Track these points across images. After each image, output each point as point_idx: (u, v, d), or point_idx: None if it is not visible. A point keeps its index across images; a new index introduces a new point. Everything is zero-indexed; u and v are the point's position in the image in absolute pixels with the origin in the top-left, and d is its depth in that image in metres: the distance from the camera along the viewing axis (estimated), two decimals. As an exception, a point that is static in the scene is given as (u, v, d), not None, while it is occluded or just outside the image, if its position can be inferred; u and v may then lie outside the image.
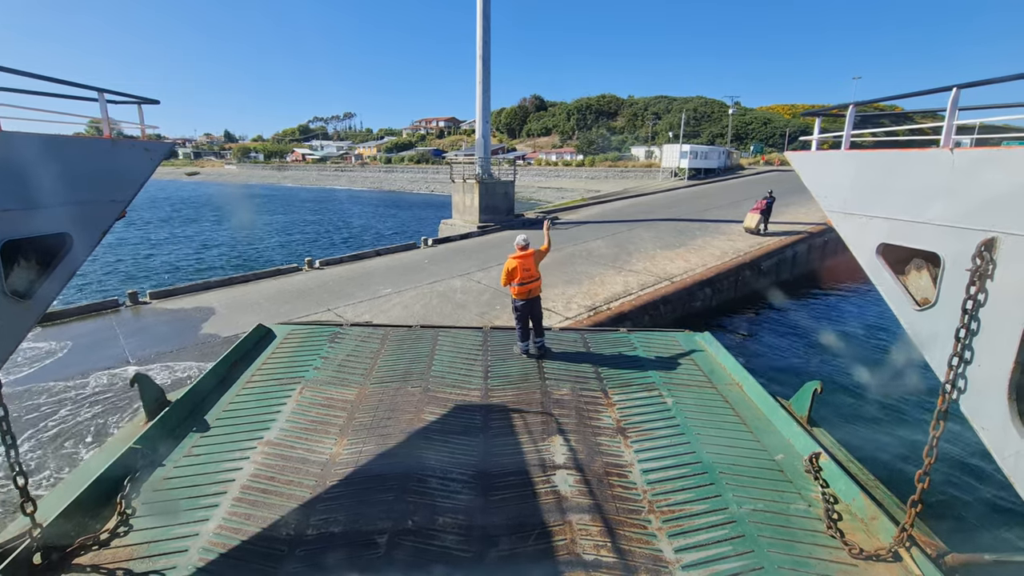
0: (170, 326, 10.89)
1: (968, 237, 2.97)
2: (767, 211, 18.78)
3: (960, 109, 3.36)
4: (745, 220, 19.38)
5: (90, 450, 6.54)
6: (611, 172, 58.81)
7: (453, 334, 7.60)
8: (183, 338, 10.14)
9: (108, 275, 22.56)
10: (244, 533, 3.81)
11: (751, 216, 19.06)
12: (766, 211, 18.76)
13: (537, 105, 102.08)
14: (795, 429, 5.11)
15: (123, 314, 11.76)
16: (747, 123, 73.73)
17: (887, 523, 3.80)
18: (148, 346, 9.75)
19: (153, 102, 4.50)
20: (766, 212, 18.76)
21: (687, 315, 13.09)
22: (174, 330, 10.62)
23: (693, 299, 13.56)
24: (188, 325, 10.89)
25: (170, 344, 9.84)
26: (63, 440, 6.78)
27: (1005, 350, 2.83)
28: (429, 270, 15.23)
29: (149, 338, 10.22)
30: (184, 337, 10.19)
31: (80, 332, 10.60)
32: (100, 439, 6.70)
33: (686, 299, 13.29)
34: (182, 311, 11.84)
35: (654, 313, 12.01)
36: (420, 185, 76.67)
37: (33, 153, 3.10)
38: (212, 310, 11.83)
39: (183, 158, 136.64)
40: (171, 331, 10.57)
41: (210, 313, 11.63)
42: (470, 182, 23.63)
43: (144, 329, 10.83)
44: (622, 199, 32.54)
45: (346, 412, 5.52)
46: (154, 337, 10.26)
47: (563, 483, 4.44)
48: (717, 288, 14.48)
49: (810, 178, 4.66)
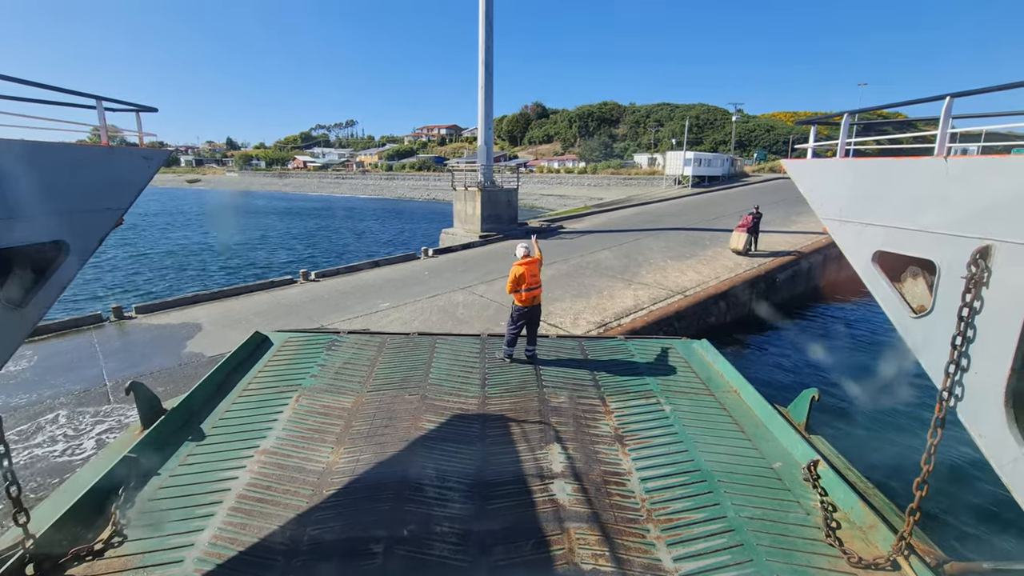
0: (153, 344, 10.41)
1: (963, 245, 2.96)
2: (754, 228, 17.19)
3: (954, 117, 3.38)
4: (731, 240, 17.62)
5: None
6: (614, 179, 58.84)
7: (451, 341, 7.59)
8: (165, 357, 9.65)
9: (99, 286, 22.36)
10: (239, 543, 3.79)
11: (737, 235, 17.31)
12: (753, 228, 17.15)
13: (539, 112, 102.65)
14: (793, 436, 5.09)
15: (107, 330, 11.28)
16: (750, 130, 73.87)
17: (886, 531, 3.78)
18: (128, 366, 9.21)
19: (151, 110, 4.53)
20: (753, 230, 17.16)
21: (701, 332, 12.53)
22: (157, 348, 10.15)
23: (708, 314, 12.99)
24: (172, 343, 10.45)
25: (151, 364, 9.32)
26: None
27: (1001, 357, 2.81)
28: (429, 283, 14.84)
29: (129, 357, 9.71)
30: (166, 356, 9.72)
31: (56, 350, 10.03)
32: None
33: (701, 314, 12.71)
34: (168, 327, 11.42)
35: (668, 330, 11.32)
36: (421, 192, 77.07)
37: (26, 160, 3.10)
38: (199, 326, 11.44)
39: (185, 165, 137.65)
40: (154, 350, 10.10)
41: (196, 329, 11.23)
42: (472, 190, 23.27)
43: (127, 347, 10.32)
44: (627, 207, 32.41)
45: (343, 420, 5.50)
46: (135, 357, 9.74)
47: (561, 491, 4.41)
48: (732, 302, 13.87)
49: (806, 186, 4.69)
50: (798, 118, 79.02)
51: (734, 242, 17.42)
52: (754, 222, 17.15)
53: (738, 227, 17.41)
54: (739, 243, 17.19)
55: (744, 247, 17.06)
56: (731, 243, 17.59)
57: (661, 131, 79.55)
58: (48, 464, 6.54)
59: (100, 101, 3.98)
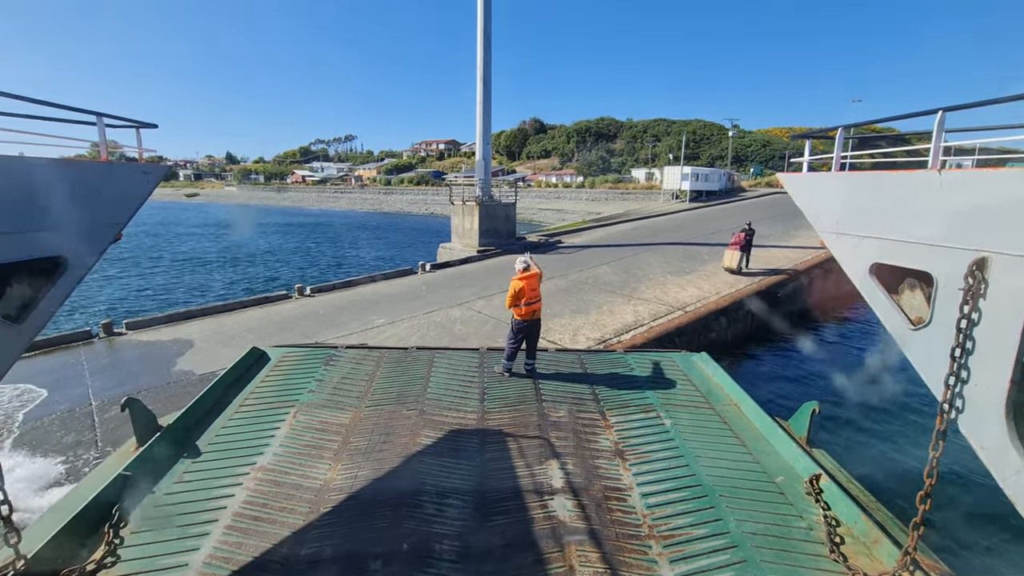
0: (142, 362, 10.22)
1: (959, 257, 2.98)
2: (747, 246, 16.66)
3: (947, 131, 3.41)
4: (724, 258, 17.08)
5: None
6: (612, 194, 59.17)
7: (449, 356, 7.55)
8: (152, 376, 9.43)
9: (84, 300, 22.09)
10: (235, 562, 3.73)
11: (729, 254, 16.78)
12: (746, 246, 16.62)
13: (537, 128, 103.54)
14: (794, 450, 5.05)
15: (95, 347, 11.04)
16: (746, 145, 74.60)
17: (890, 546, 3.73)
18: (116, 385, 8.98)
19: (151, 126, 4.56)
20: (746, 247, 16.63)
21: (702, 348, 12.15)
22: (145, 366, 9.94)
23: (709, 329, 12.89)
24: (162, 361, 10.25)
25: (138, 383, 9.09)
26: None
27: (1001, 369, 2.81)
28: (426, 298, 14.71)
29: (117, 375, 9.48)
30: (154, 375, 9.50)
31: (42, 368, 9.74)
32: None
33: (701, 330, 12.57)
34: (159, 344, 11.24)
35: (669, 346, 10.96)
36: (420, 207, 77.43)
37: (27, 176, 3.11)
38: (191, 343, 11.28)
39: (184, 179, 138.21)
40: (142, 368, 9.90)
41: (188, 346, 11.07)
42: (470, 204, 23.22)
43: (115, 365, 10.08)
44: (626, 222, 32.50)
45: (341, 436, 5.45)
46: (122, 375, 9.50)
47: (561, 507, 4.36)
48: (733, 318, 13.80)
49: (802, 199, 4.72)
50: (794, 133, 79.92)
51: (727, 260, 16.92)
52: (746, 239, 16.68)
53: (730, 245, 16.93)
54: (731, 262, 16.68)
55: (737, 266, 16.58)
56: (724, 262, 17.09)
57: (658, 146, 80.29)
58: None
59: (101, 117, 4.01)
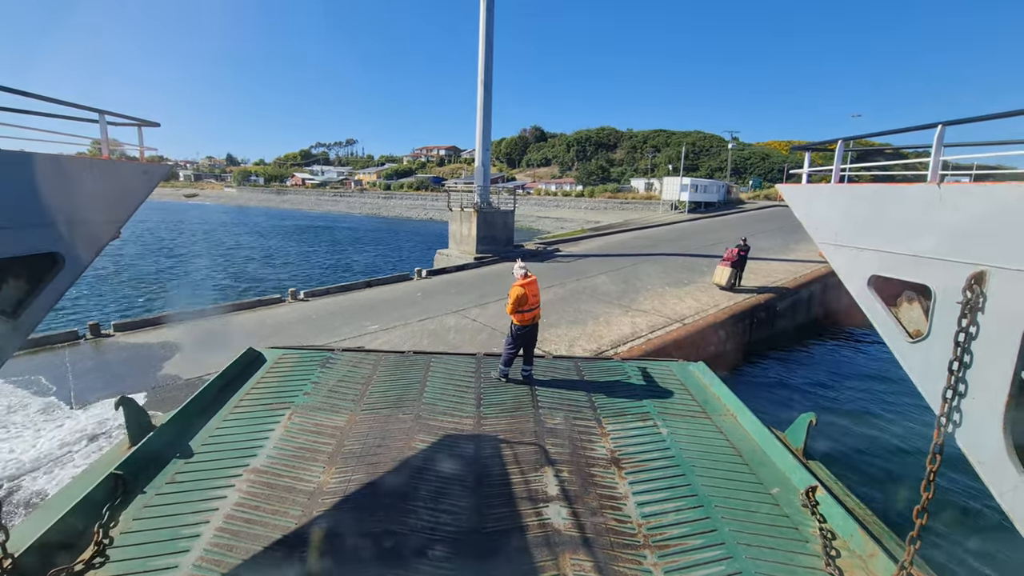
0: (128, 364, 9.97)
1: (957, 270, 2.98)
2: (741, 262, 15.77)
3: (946, 145, 3.43)
4: (714, 274, 16.25)
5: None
6: (611, 203, 59.35)
7: (446, 360, 7.53)
8: (137, 380, 9.18)
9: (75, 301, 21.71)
10: (225, 565, 3.68)
11: (721, 270, 15.93)
12: (739, 262, 15.74)
13: (537, 136, 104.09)
14: (791, 462, 5.04)
15: (82, 348, 10.85)
16: (746, 157, 74.92)
17: (886, 560, 3.71)
18: (100, 388, 8.74)
19: (153, 124, 4.56)
20: (739, 263, 15.75)
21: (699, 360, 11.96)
22: (131, 369, 9.72)
23: (707, 343, 12.75)
24: (148, 364, 10.00)
25: (123, 386, 8.76)
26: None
27: (999, 383, 2.80)
28: (422, 304, 14.54)
29: (101, 378, 9.22)
30: (138, 378, 9.26)
31: (27, 368, 9.53)
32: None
33: (700, 343, 12.37)
34: (146, 346, 11.04)
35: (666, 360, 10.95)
36: (419, 212, 77.57)
37: (24, 171, 3.10)
38: (179, 346, 11.05)
39: (183, 180, 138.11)
40: (128, 370, 9.66)
41: (175, 350, 10.83)
42: (468, 211, 23.07)
43: (100, 367, 9.82)
44: (624, 231, 32.39)
45: (335, 439, 5.41)
46: (106, 378, 9.25)
47: (556, 516, 4.33)
48: (731, 331, 13.65)
49: (801, 210, 4.74)
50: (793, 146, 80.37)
51: (717, 277, 16.04)
52: (740, 255, 15.75)
53: (723, 261, 16.05)
54: (722, 278, 15.80)
55: (728, 282, 15.68)
56: (714, 278, 16.21)
57: (658, 157, 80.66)
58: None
59: (103, 115, 4.01)
